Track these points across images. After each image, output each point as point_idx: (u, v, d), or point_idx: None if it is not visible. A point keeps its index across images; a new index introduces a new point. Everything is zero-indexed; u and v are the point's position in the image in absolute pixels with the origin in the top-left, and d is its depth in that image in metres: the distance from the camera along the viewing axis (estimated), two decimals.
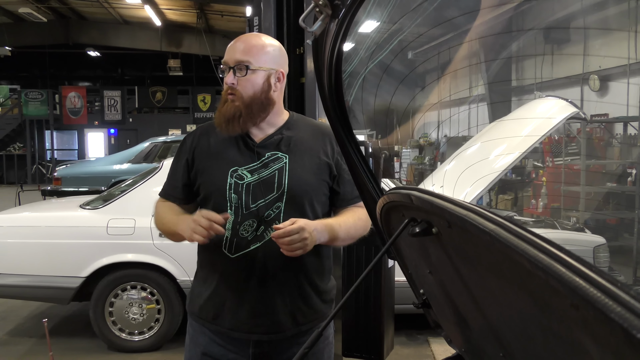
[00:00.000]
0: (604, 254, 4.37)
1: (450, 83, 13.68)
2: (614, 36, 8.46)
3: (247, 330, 1.58)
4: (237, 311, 1.58)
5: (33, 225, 4.22)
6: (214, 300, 1.60)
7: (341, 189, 1.65)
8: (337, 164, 1.65)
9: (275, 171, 1.57)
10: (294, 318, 1.60)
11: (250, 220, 1.55)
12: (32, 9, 16.89)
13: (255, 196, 1.55)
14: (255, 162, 1.58)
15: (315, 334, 1.09)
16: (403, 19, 5.02)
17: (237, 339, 1.60)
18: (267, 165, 1.58)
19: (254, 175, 1.56)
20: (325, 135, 1.67)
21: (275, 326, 1.58)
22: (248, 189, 1.55)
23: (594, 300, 0.53)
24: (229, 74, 1.55)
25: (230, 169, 1.57)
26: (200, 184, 1.62)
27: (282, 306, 1.58)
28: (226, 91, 1.57)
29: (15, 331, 4.51)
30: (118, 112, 20.30)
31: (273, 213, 1.56)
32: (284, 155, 1.59)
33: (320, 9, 1.13)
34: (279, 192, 1.56)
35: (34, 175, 19.28)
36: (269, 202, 1.56)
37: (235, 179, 1.56)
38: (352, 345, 3.32)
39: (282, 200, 1.56)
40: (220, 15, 17.14)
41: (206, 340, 1.63)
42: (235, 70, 1.55)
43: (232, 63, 1.55)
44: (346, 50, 1.26)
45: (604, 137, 7.95)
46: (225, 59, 1.57)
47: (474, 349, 1.14)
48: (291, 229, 1.44)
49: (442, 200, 0.89)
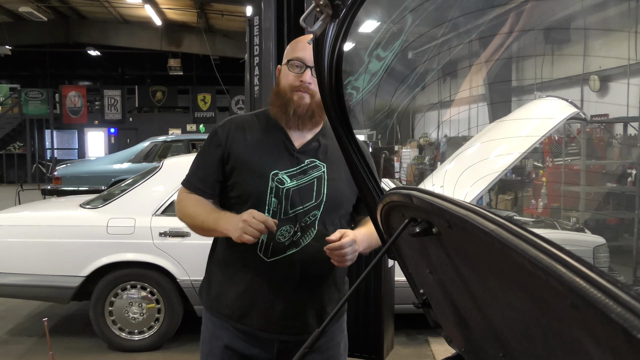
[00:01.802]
0: (603, 254, 4.38)
1: (451, 83, 13.68)
2: (614, 36, 8.46)
3: (275, 331, 1.60)
4: (267, 313, 1.58)
5: (33, 225, 4.22)
6: (242, 300, 1.59)
7: None
8: None
9: (314, 179, 1.58)
10: (321, 320, 1.62)
11: (287, 225, 1.55)
12: (33, 8, 16.88)
13: (294, 202, 1.55)
14: (294, 168, 1.57)
15: (316, 333, 1.10)
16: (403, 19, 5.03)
17: (263, 338, 1.61)
18: (306, 172, 1.58)
19: (293, 181, 1.56)
20: None
21: (304, 328, 1.60)
22: (288, 194, 1.55)
23: (594, 301, 0.53)
24: (307, 72, 1.54)
25: (272, 171, 1.55)
26: (237, 182, 1.58)
27: (311, 310, 1.61)
28: (296, 87, 1.54)
29: (15, 330, 4.51)
30: (118, 111, 20.30)
31: (309, 220, 1.57)
32: (321, 164, 1.60)
33: (320, 9, 1.13)
34: (317, 201, 1.57)
35: (34, 175, 19.28)
36: (307, 209, 1.56)
37: (277, 182, 1.55)
38: (352, 345, 3.31)
39: (320, 209, 1.57)
40: (220, 14, 17.14)
41: (229, 334, 1.62)
42: (313, 70, 1.52)
43: (311, 62, 1.51)
44: (346, 51, 1.27)
45: (604, 138, 7.95)
46: (300, 55, 1.55)
47: (474, 349, 1.14)
48: (345, 242, 1.45)
49: (442, 200, 0.89)
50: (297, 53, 1.56)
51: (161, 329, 4.01)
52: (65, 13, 20.26)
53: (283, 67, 1.60)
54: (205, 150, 1.64)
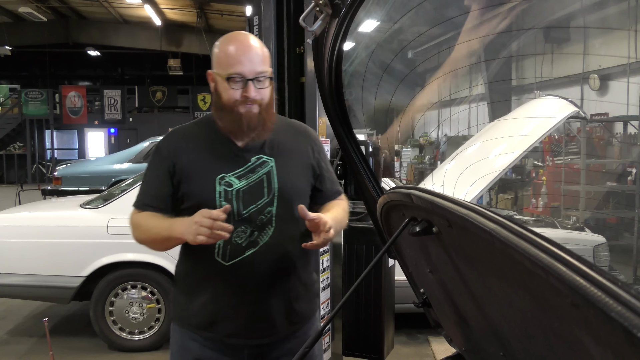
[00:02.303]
0: (604, 253, 4.37)
1: (451, 82, 13.67)
2: (614, 35, 8.46)
3: (244, 336, 1.58)
4: (233, 318, 1.56)
5: (33, 225, 4.22)
6: (208, 308, 1.57)
7: (323, 187, 1.67)
8: (318, 164, 1.66)
9: (263, 175, 1.55)
10: (290, 319, 1.61)
11: (243, 226, 1.52)
12: (32, 8, 16.89)
13: (246, 202, 1.53)
14: (241, 168, 1.55)
15: (316, 333, 1.10)
16: (403, 18, 5.03)
17: (232, 344, 1.59)
18: (254, 170, 1.55)
19: (242, 181, 1.54)
20: (305, 135, 1.69)
21: (272, 329, 1.58)
22: (238, 195, 1.53)
23: (595, 299, 0.53)
24: (250, 88, 1.48)
25: (218, 176, 1.53)
26: (185, 192, 1.55)
27: (278, 309, 1.58)
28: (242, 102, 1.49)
29: (16, 330, 4.51)
30: (118, 111, 20.30)
31: (265, 217, 1.54)
32: (269, 159, 1.57)
33: (320, 8, 1.13)
34: (269, 197, 1.55)
35: (34, 175, 19.28)
36: (260, 207, 1.54)
37: (224, 186, 1.52)
38: (352, 345, 3.32)
39: (274, 205, 1.55)
40: (220, 14, 17.14)
41: (198, 346, 1.60)
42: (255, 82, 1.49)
43: (251, 75, 1.48)
44: (346, 50, 1.26)
45: (604, 136, 7.95)
46: (239, 70, 1.48)
47: (474, 348, 1.14)
48: (322, 216, 1.45)
49: (442, 200, 0.89)
50: (235, 68, 1.48)
51: (161, 329, 4.01)
52: (65, 13, 20.26)
53: (222, 82, 1.51)
54: (151, 166, 1.62)
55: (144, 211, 1.58)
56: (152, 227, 1.53)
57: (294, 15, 2.79)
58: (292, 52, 2.82)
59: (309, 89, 2.76)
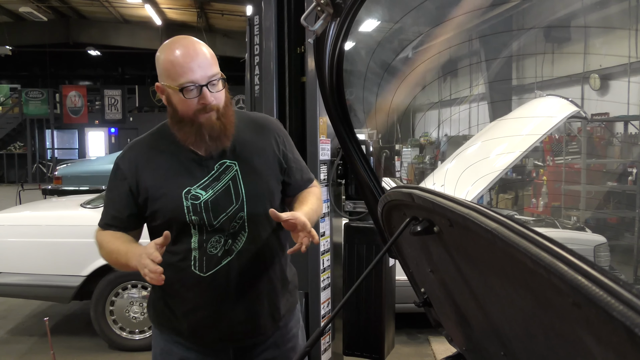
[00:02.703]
0: (604, 253, 4.37)
1: (451, 82, 13.67)
2: (615, 35, 8.45)
3: (228, 339, 1.57)
4: (216, 326, 1.55)
5: (34, 224, 4.22)
6: (189, 318, 1.55)
7: (292, 179, 1.63)
8: (285, 156, 1.61)
9: (228, 182, 1.51)
10: (273, 317, 1.60)
11: (216, 236, 1.50)
12: (33, 8, 16.90)
13: (216, 212, 1.49)
14: (205, 177, 1.51)
15: (317, 331, 1.10)
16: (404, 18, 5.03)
17: (218, 349, 1.59)
18: (219, 178, 1.51)
19: (208, 192, 1.50)
20: (268, 128, 1.63)
21: (257, 330, 1.58)
22: (207, 206, 1.49)
23: (596, 299, 0.53)
24: (206, 94, 1.43)
25: (183, 190, 1.49)
26: (154, 211, 1.52)
27: (261, 310, 1.57)
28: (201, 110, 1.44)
29: (16, 330, 4.51)
30: (118, 111, 20.31)
31: (237, 224, 1.52)
32: (232, 163, 1.53)
33: (321, 8, 1.13)
34: (238, 203, 1.51)
35: (34, 174, 19.30)
36: (230, 214, 1.50)
37: (191, 200, 1.49)
38: (353, 344, 3.32)
39: (244, 210, 1.52)
40: (220, 14, 17.15)
41: (181, 348, 1.59)
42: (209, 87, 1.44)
43: (204, 80, 1.43)
44: (347, 49, 1.26)
45: (605, 136, 7.94)
46: (191, 78, 1.41)
47: (475, 348, 1.14)
48: (297, 215, 1.43)
49: (443, 199, 0.89)
50: (186, 76, 1.41)
51: None
52: (65, 13, 20.27)
53: (175, 94, 1.44)
54: (111, 186, 1.57)
55: (106, 230, 1.55)
56: (112, 251, 1.50)
57: (295, 14, 2.79)
58: (292, 52, 2.82)
59: (309, 89, 2.76)
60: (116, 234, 1.53)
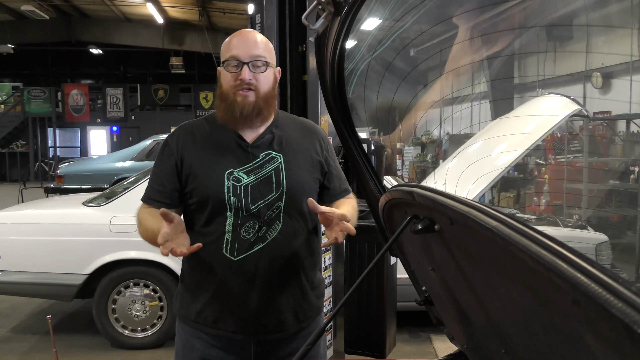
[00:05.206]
0: (606, 251, 4.37)
1: (453, 80, 13.65)
2: (617, 33, 8.43)
3: (251, 331, 1.57)
4: (240, 314, 1.55)
5: (36, 223, 4.23)
6: (214, 304, 1.56)
7: (331, 184, 1.67)
8: (327, 161, 1.66)
9: (271, 171, 1.55)
10: (296, 316, 1.60)
11: (251, 221, 1.52)
12: (35, 6, 16.88)
13: (254, 197, 1.53)
14: (250, 163, 1.55)
15: (318, 331, 1.10)
16: (405, 16, 5.02)
17: (239, 341, 1.59)
18: (263, 166, 1.55)
19: (250, 177, 1.53)
20: (313, 132, 1.68)
21: (280, 325, 1.58)
22: (247, 190, 1.52)
23: (595, 296, 0.54)
24: (244, 70, 1.50)
25: (226, 171, 1.53)
26: (194, 188, 1.55)
27: (285, 305, 1.57)
28: (237, 87, 1.52)
29: (19, 328, 4.52)
30: (120, 109, 20.32)
31: (273, 213, 1.54)
32: (278, 155, 1.57)
33: (322, 6, 1.13)
34: (278, 192, 1.54)
35: (36, 173, 19.32)
36: (268, 202, 1.53)
37: (233, 181, 1.52)
38: (354, 342, 3.33)
39: (282, 200, 1.54)
40: (222, 12, 17.13)
41: (203, 344, 1.59)
42: (250, 66, 1.51)
43: (247, 58, 1.51)
44: (348, 48, 1.27)
45: (607, 135, 7.93)
46: (234, 53, 1.51)
47: (476, 346, 1.14)
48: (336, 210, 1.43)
49: (444, 197, 0.89)
50: (231, 52, 1.52)
51: (164, 326, 4.02)
52: (67, 11, 20.27)
53: (222, 71, 1.55)
54: (159, 161, 1.63)
55: (150, 206, 1.59)
56: (148, 229, 1.52)
57: (296, 13, 2.79)
58: (294, 50, 2.82)
59: (311, 87, 2.76)
60: (155, 212, 1.51)
